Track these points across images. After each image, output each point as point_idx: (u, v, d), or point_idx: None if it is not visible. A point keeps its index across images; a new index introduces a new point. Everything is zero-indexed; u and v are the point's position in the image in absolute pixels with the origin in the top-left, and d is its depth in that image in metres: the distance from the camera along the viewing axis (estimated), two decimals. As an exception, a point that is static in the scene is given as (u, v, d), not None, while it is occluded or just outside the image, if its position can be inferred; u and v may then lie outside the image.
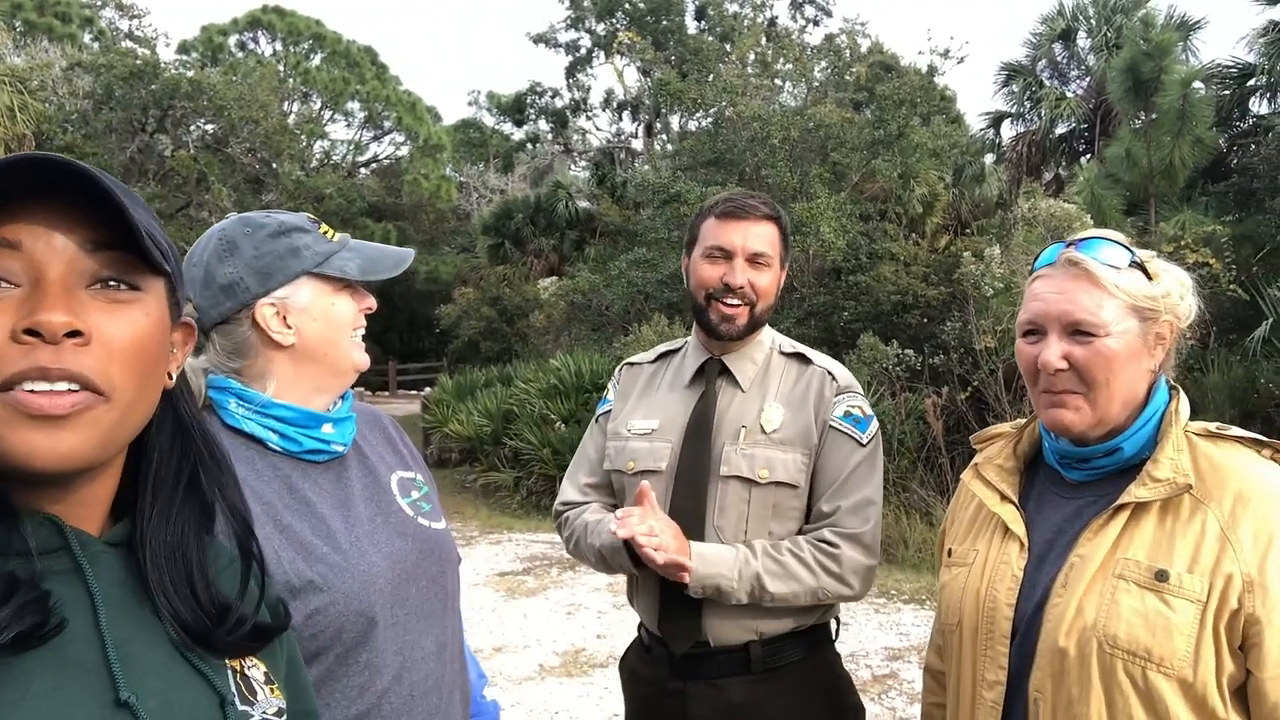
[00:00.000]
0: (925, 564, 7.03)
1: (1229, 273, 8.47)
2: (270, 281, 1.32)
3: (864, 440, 1.92)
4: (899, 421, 8.34)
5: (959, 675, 1.43)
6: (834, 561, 1.83)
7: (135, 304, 0.74)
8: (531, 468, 10.64)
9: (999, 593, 1.36)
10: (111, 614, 0.74)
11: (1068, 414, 1.32)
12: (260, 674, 0.85)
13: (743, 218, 1.94)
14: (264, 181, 23.00)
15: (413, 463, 1.53)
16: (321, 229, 1.40)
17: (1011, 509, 1.42)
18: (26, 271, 0.69)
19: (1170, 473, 1.26)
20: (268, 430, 1.31)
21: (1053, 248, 1.39)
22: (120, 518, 0.81)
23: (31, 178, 0.68)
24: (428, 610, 1.36)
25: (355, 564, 1.28)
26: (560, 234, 21.53)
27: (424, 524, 1.41)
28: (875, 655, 5.35)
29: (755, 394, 1.96)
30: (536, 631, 5.96)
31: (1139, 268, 1.34)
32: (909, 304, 10.53)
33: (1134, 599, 1.22)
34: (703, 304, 1.96)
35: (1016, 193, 14.03)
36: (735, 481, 1.87)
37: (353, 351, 1.40)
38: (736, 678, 1.87)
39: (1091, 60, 17.14)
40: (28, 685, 0.67)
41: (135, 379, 0.73)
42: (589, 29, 26.35)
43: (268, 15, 31.20)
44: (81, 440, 0.69)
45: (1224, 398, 7.57)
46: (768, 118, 13.44)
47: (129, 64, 20.41)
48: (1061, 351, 1.31)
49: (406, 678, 1.30)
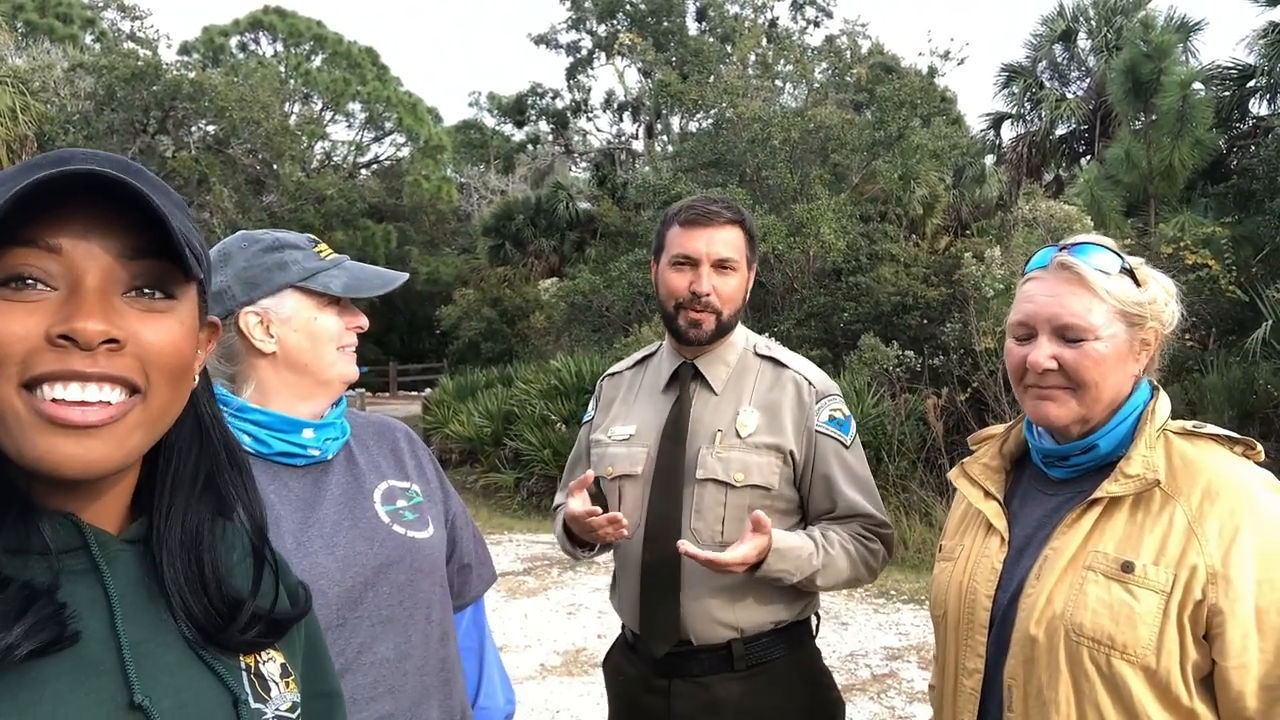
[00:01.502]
0: (925, 564, 7.04)
1: (1228, 274, 8.47)
2: (255, 291, 1.39)
3: (848, 442, 1.97)
4: (899, 422, 8.35)
5: (944, 663, 1.48)
6: (873, 557, 1.94)
7: (170, 312, 0.74)
8: (532, 469, 10.66)
9: (979, 584, 1.41)
10: (127, 614, 0.75)
11: (1053, 407, 1.36)
12: (276, 667, 0.85)
13: (706, 224, 1.95)
14: (265, 182, 23.03)
15: (415, 475, 1.54)
16: (317, 248, 1.45)
17: (994, 505, 1.47)
18: (65, 276, 0.69)
19: (1141, 469, 1.30)
20: (241, 433, 1.35)
21: (1045, 251, 1.43)
22: (136, 513, 0.81)
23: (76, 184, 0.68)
24: (386, 616, 1.37)
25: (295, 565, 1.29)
26: (561, 235, 21.56)
27: (399, 531, 1.43)
28: (875, 655, 5.36)
29: (730, 397, 1.99)
30: (537, 631, 5.99)
31: (1128, 274, 1.37)
32: (909, 305, 10.54)
33: (1100, 589, 1.26)
34: (672, 313, 1.98)
35: (1017, 194, 14.05)
36: (712, 485, 1.90)
37: (337, 363, 1.44)
38: (720, 675, 1.89)
39: (1092, 61, 17.15)
40: (43, 688, 0.68)
41: (169, 384, 0.74)
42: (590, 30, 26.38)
43: (269, 16, 31.23)
44: (113, 449, 0.70)
45: (1223, 399, 7.57)
46: (768, 119, 13.48)
47: (131, 65, 20.45)
48: (1051, 352, 1.35)
49: (348, 680, 1.30)
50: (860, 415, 8.41)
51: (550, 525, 2.25)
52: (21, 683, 0.67)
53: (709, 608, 1.88)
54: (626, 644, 2.07)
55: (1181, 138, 10.24)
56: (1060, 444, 1.41)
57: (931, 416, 7.99)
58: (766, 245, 11.62)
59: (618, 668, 2.08)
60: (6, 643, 0.65)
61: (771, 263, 12.00)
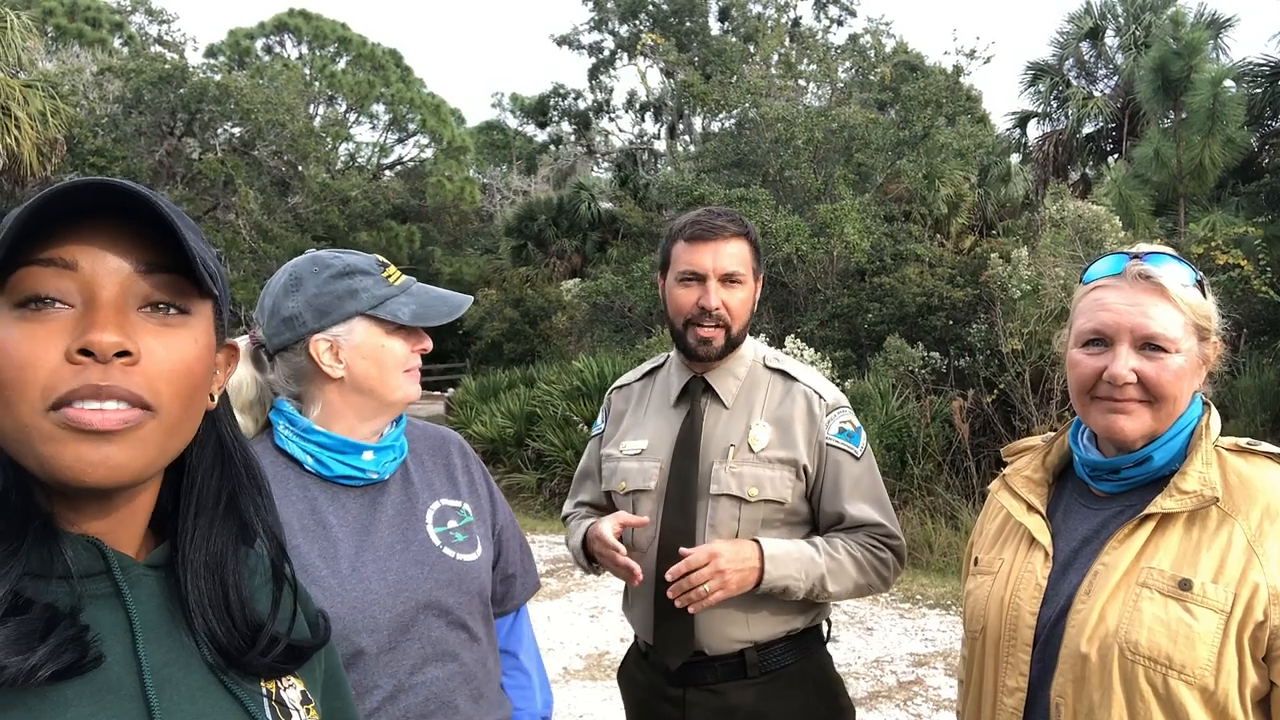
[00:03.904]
0: (951, 568, 6.98)
1: (1261, 275, 8.34)
2: (326, 319, 1.42)
3: (858, 453, 1.97)
4: (924, 425, 8.28)
5: (980, 682, 1.44)
6: (884, 566, 1.94)
7: (184, 328, 0.75)
8: (554, 469, 10.67)
9: (1022, 600, 1.37)
10: (149, 638, 0.75)
11: (1126, 420, 1.32)
12: (297, 694, 0.86)
13: (712, 239, 1.94)
14: (290, 184, 23.18)
15: (466, 492, 1.58)
16: (386, 272, 1.48)
17: (1038, 519, 1.43)
18: (81, 292, 0.71)
19: (1198, 485, 1.27)
20: (305, 454, 1.41)
21: (1114, 258, 1.38)
22: (156, 538, 0.82)
23: (90, 199, 0.70)
24: (437, 637, 1.41)
25: (350, 590, 1.34)
26: (583, 235, 21.57)
27: (449, 554, 1.46)
28: (900, 661, 5.31)
29: (741, 410, 1.99)
30: (560, 634, 5.97)
31: (1200, 286, 1.35)
32: (934, 306, 10.44)
33: (1157, 607, 1.23)
34: (681, 329, 1.98)
35: (1043, 193, 13.91)
36: (726, 499, 1.91)
37: (402, 386, 1.48)
38: (734, 683, 1.90)
39: (1119, 59, 16.95)
40: (65, 711, 0.68)
41: (181, 400, 0.75)
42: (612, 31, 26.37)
43: (294, 19, 31.45)
44: (130, 456, 0.71)
45: (1255, 401, 7.46)
46: (791, 119, 13.41)
47: (158, 68, 20.64)
48: (1133, 365, 1.31)
49: (402, 700, 1.35)
50: (885, 417, 8.34)
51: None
52: (43, 705, 0.67)
53: (723, 622, 1.88)
54: (640, 653, 2.08)
55: (1212, 136, 10.09)
56: (1111, 456, 1.37)
57: (957, 419, 7.91)
58: (790, 246, 11.57)
59: (632, 677, 2.10)
60: (30, 664, 0.65)
61: (795, 263, 11.95)
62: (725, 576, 1.77)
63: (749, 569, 1.80)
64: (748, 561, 1.80)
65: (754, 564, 1.81)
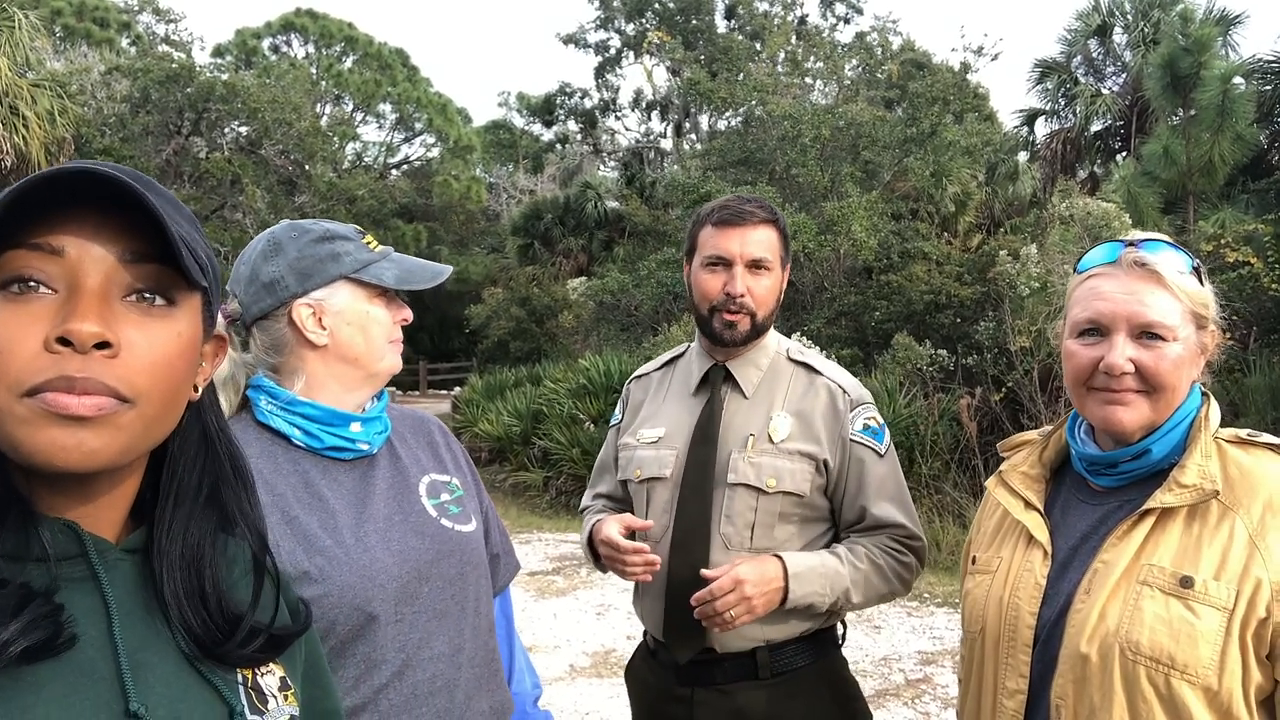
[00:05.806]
0: (958, 567, 6.94)
1: (1271, 272, 8.29)
2: (309, 282, 1.39)
3: (882, 451, 1.93)
4: (932, 423, 8.25)
5: (979, 683, 1.41)
6: (906, 570, 1.90)
7: (168, 319, 0.74)
8: (561, 467, 10.66)
9: (1021, 600, 1.35)
10: (125, 622, 0.75)
11: (1124, 411, 1.29)
12: (275, 680, 0.85)
13: (740, 224, 1.91)
14: (297, 183, 23.23)
15: (453, 468, 1.56)
16: (365, 239, 1.46)
17: (1036, 516, 1.40)
18: (65, 278, 0.70)
19: (1197, 479, 1.24)
20: (292, 427, 1.37)
21: (1108, 246, 1.35)
22: (138, 524, 0.82)
23: (79, 186, 0.69)
24: (440, 610, 1.38)
25: (357, 559, 1.31)
26: (589, 234, 21.58)
27: (447, 525, 1.44)
28: (908, 659, 5.29)
29: (761, 401, 1.95)
30: (566, 632, 5.97)
31: (1196, 274, 1.32)
32: (942, 304, 10.41)
33: (1158, 605, 1.20)
34: (706, 315, 1.95)
35: (1051, 191, 13.85)
36: (743, 489, 1.87)
37: (387, 356, 1.45)
38: (744, 684, 1.86)
39: (1128, 56, 16.90)
40: (39, 693, 0.68)
41: (161, 392, 0.74)
42: (618, 29, 26.39)
43: (301, 18, 31.53)
44: (105, 442, 0.70)
45: (1265, 399, 7.41)
46: (798, 116, 13.39)
47: (165, 68, 20.71)
48: (1131, 354, 1.28)
49: (409, 676, 1.33)
50: (893, 415, 8.32)
51: (579, 524, 2.23)
52: (17, 686, 0.67)
53: None
54: (648, 651, 2.03)
55: (1221, 133, 10.06)
56: (1109, 450, 1.34)
57: (965, 417, 7.88)
58: (797, 244, 11.55)
59: (639, 676, 2.06)
60: (1, 639, 0.65)
61: (802, 261, 11.92)
62: (752, 603, 1.73)
63: (774, 590, 1.76)
64: (772, 583, 1.76)
65: (778, 584, 1.77)
